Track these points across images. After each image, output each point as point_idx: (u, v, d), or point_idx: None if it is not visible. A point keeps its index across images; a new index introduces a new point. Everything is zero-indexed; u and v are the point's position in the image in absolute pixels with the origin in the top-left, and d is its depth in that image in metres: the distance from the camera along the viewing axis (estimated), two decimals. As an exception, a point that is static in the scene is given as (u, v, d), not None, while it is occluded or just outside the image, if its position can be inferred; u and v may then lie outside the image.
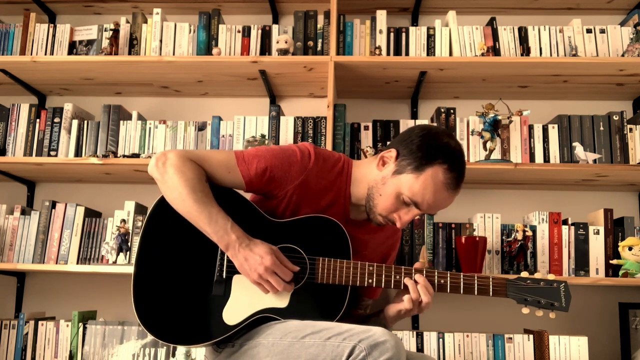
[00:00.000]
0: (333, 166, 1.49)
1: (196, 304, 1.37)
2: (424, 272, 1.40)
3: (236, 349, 1.37)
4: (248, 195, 1.53)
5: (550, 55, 2.39)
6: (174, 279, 1.38)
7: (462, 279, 1.39)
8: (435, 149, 1.38)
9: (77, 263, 2.30)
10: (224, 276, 1.39)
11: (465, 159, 1.43)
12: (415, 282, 1.38)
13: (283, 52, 2.35)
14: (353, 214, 1.52)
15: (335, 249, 1.42)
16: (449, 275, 1.40)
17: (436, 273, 1.40)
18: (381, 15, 2.45)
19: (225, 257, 1.39)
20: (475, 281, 1.38)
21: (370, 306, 1.67)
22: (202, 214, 1.34)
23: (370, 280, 1.39)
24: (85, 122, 2.45)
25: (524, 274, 1.44)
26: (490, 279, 1.39)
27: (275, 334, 1.31)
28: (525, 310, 1.41)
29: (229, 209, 1.38)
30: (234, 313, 1.37)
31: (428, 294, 1.36)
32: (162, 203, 1.42)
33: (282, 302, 1.38)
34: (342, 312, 1.38)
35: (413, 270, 1.40)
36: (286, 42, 2.36)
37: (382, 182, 1.42)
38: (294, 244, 1.42)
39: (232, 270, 1.39)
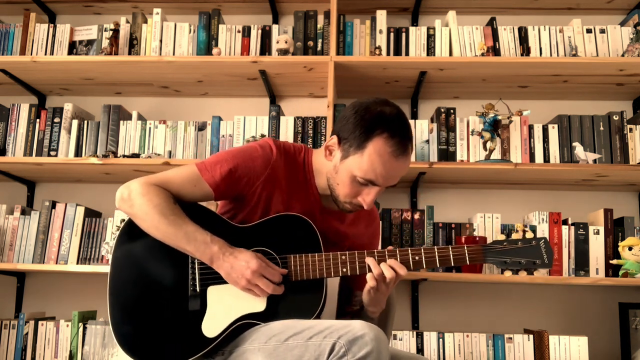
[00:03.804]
0: (295, 157, 1.48)
1: (174, 322, 1.36)
2: (397, 251, 1.37)
3: (226, 357, 1.37)
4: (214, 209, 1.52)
5: (550, 55, 2.39)
6: (149, 301, 1.38)
7: (436, 252, 1.36)
8: (371, 121, 1.35)
9: (77, 263, 2.30)
10: (198, 290, 1.38)
11: (407, 119, 1.39)
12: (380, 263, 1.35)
13: (283, 52, 2.35)
14: (326, 203, 1.51)
15: (306, 244, 1.41)
16: (422, 250, 1.37)
17: (410, 250, 1.37)
18: (381, 15, 2.45)
19: (197, 270, 1.39)
20: (451, 252, 1.36)
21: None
22: (179, 235, 1.35)
23: (344, 270, 1.37)
24: (85, 122, 2.45)
25: (501, 237, 1.40)
26: (466, 248, 1.36)
27: (260, 338, 1.30)
28: (507, 273, 1.37)
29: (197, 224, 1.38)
30: (212, 325, 1.36)
31: (389, 268, 1.34)
32: (128, 227, 1.42)
33: (259, 306, 1.37)
34: (322, 306, 1.36)
35: (386, 253, 1.37)
36: (286, 42, 2.36)
37: (335, 171, 1.41)
38: (264, 247, 1.41)
39: (206, 283, 1.38)
